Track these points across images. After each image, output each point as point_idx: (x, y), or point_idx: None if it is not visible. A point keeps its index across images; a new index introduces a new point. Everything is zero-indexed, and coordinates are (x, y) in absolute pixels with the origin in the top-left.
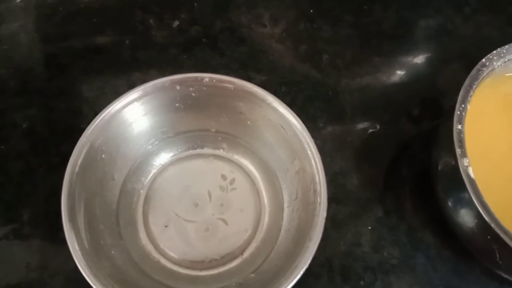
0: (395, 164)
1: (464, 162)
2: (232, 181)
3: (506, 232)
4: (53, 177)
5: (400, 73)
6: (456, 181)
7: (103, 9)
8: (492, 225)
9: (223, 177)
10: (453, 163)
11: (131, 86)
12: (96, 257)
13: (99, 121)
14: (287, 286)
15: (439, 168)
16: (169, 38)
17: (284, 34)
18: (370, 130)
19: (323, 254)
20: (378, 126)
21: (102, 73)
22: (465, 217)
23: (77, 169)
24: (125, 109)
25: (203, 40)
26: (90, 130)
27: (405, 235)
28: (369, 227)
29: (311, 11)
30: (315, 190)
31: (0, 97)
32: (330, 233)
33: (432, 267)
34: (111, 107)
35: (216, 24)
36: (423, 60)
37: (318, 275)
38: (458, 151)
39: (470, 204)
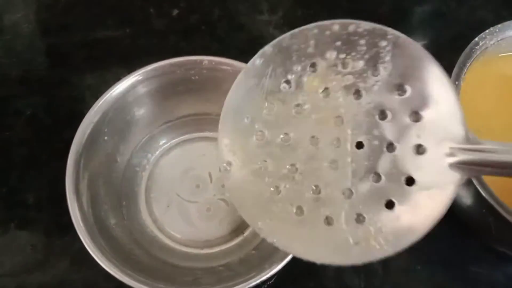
0: None
1: None
2: None
3: (500, 204)
4: (56, 163)
5: None
6: None
7: None
8: (487, 197)
9: None
10: None
11: None
12: (101, 235)
13: (101, 103)
14: (285, 259)
15: None
16: (169, 26)
17: (281, 21)
18: None
19: None
20: None
21: (103, 62)
22: (461, 192)
23: (80, 149)
24: (127, 93)
25: (202, 27)
26: (93, 111)
27: None
28: None
29: None
30: None
31: (3, 85)
32: None
33: (429, 243)
34: (113, 89)
35: (214, 12)
36: (419, 43)
37: None
38: None
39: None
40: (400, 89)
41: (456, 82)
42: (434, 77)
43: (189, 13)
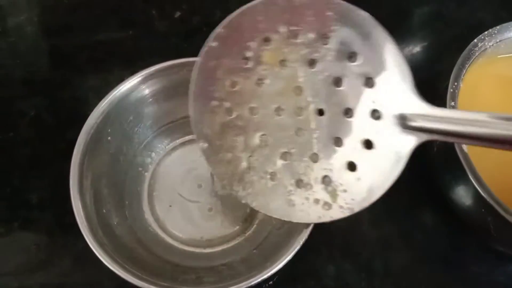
0: None
1: None
2: None
3: (499, 203)
4: (59, 163)
5: None
6: (451, 159)
7: (106, 1)
8: (486, 196)
9: None
10: None
11: None
12: (104, 234)
13: (104, 104)
14: (287, 257)
15: (435, 148)
16: (171, 28)
17: None
18: None
19: (323, 231)
20: None
21: (106, 63)
22: (460, 192)
23: (84, 149)
24: (130, 94)
25: (204, 29)
26: (96, 112)
27: (403, 212)
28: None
29: None
30: None
31: (7, 86)
32: None
33: (430, 243)
34: (116, 90)
35: (216, 13)
36: (419, 44)
37: (319, 252)
38: None
39: (464, 179)
40: (352, 56)
41: (455, 83)
42: (382, 44)
43: (191, 15)
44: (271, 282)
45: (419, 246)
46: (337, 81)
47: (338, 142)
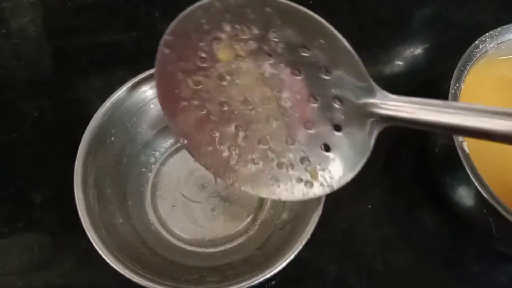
0: (394, 146)
1: (459, 138)
2: None
3: (500, 203)
4: (62, 163)
5: (397, 59)
6: (452, 159)
7: (109, 3)
8: (487, 196)
9: None
10: (448, 141)
11: None
12: (107, 233)
13: (108, 105)
14: (289, 257)
15: (436, 149)
16: None
17: None
18: None
19: (324, 231)
20: None
21: (109, 65)
22: (462, 193)
23: (88, 150)
24: (133, 95)
25: None
26: (100, 113)
27: (404, 213)
28: (369, 206)
29: (311, 2)
30: None
31: (11, 88)
32: (331, 211)
33: (431, 243)
34: (120, 91)
35: None
36: (419, 46)
37: (321, 252)
38: None
39: (465, 179)
40: (303, 47)
41: (457, 85)
42: (329, 37)
43: None
44: (273, 282)
45: (420, 246)
46: (295, 71)
47: (309, 126)
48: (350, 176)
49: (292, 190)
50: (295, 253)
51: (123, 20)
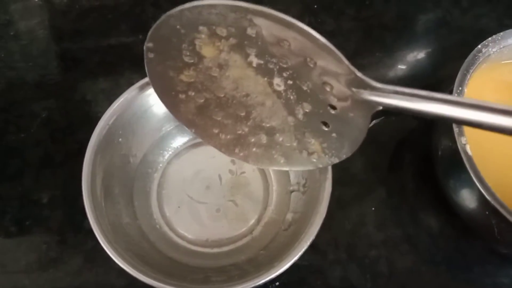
0: (398, 149)
1: (462, 140)
2: (241, 166)
3: (503, 205)
4: (70, 163)
5: (400, 63)
6: (455, 162)
7: (117, 6)
8: (490, 199)
9: (233, 162)
10: (452, 144)
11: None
12: (114, 233)
13: (116, 106)
14: (293, 257)
15: (440, 152)
16: None
17: None
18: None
19: (329, 233)
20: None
21: (116, 66)
22: (465, 195)
23: (96, 150)
24: (141, 95)
25: None
26: (108, 114)
27: (407, 215)
28: (373, 208)
29: (315, 6)
30: (320, 169)
31: (20, 89)
32: (335, 213)
33: (434, 245)
34: (127, 93)
35: None
36: (423, 50)
37: (325, 253)
38: (456, 130)
39: (468, 181)
40: (282, 41)
41: (460, 88)
42: (302, 36)
43: None
44: (277, 283)
45: (423, 248)
46: (281, 61)
47: (306, 105)
48: (351, 151)
49: (302, 162)
50: (299, 254)
51: (130, 23)
